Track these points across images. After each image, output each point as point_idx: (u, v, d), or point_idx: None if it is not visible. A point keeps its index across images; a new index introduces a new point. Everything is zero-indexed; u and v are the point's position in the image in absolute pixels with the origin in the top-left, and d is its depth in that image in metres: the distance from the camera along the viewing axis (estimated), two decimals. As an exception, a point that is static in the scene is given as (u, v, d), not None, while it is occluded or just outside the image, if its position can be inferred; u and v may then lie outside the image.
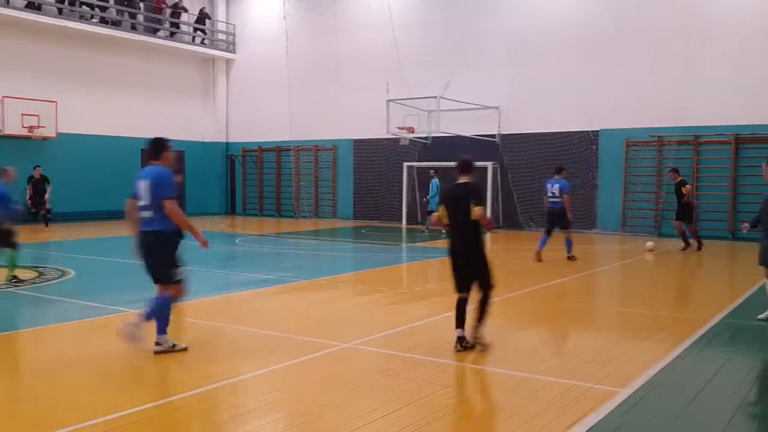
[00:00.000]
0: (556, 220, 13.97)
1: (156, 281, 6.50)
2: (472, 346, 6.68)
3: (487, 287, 6.78)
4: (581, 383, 5.64)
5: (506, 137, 22.43)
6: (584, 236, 19.14)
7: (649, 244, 16.02)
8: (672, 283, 12.33)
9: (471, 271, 6.80)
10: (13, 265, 10.56)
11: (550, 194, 13.93)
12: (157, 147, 6.55)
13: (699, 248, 16.10)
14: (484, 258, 6.82)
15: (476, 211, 6.58)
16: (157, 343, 6.41)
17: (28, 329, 7.94)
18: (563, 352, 7.05)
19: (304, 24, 26.20)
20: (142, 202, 6.38)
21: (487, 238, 6.72)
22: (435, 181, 20.68)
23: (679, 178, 16.18)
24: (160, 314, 6.38)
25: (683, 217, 16.09)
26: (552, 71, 21.45)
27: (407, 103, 21.52)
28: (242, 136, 29.19)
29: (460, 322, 6.75)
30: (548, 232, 14.03)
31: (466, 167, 6.99)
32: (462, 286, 6.88)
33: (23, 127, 22.25)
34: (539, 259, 13.48)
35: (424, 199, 21.47)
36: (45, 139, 23.06)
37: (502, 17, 22.33)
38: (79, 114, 24.17)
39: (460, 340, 6.68)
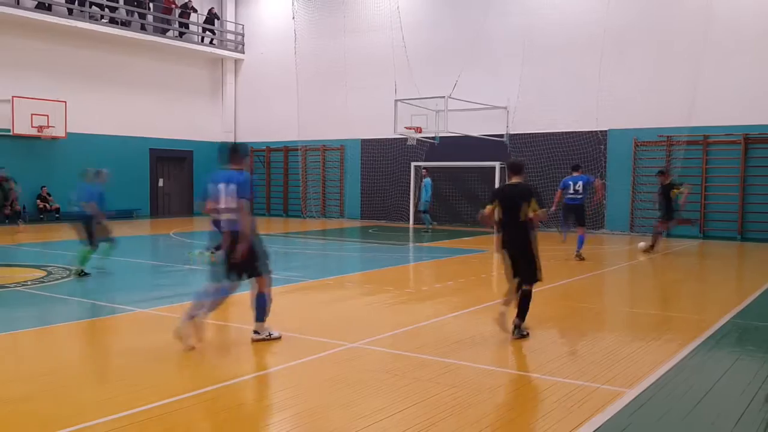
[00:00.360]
0: (575, 215, 14.17)
1: (250, 276, 6.85)
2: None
3: (532, 280, 7.25)
4: (588, 384, 5.62)
5: (514, 137, 22.39)
6: (592, 236, 19.06)
7: (642, 244, 15.89)
8: (680, 283, 12.27)
9: (520, 265, 7.29)
10: (84, 259, 11.09)
11: (572, 191, 14.01)
12: (235, 152, 6.91)
13: (652, 247, 15.47)
14: (534, 253, 7.30)
15: (540, 214, 7.20)
16: (256, 332, 6.82)
17: (36, 328, 7.97)
18: (570, 353, 7.03)
19: (312, 24, 26.22)
20: (226, 204, 6.71)
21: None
22: (427, 180, 20.84)
23: (669, 180, 15.66)
24: (267, 309, 6.88)
25: (667, 216, 15.47)
26: (560, 71, 21.40)
27: (415, 103, 21.52)
28: (250, 136, 29.23)
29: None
30: (575, 225, 14.34)
31: (518, 168, 7.63)
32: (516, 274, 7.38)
33: (33, 126, 22.37)
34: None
35: (424, 201, 21.55)
36: (54, 138, 23.18)
37: (510, 17, 22.29)
38: (88, 114, 24.29)
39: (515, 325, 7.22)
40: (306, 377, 5.96)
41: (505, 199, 7.43)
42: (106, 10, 25.00)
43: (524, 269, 7.26)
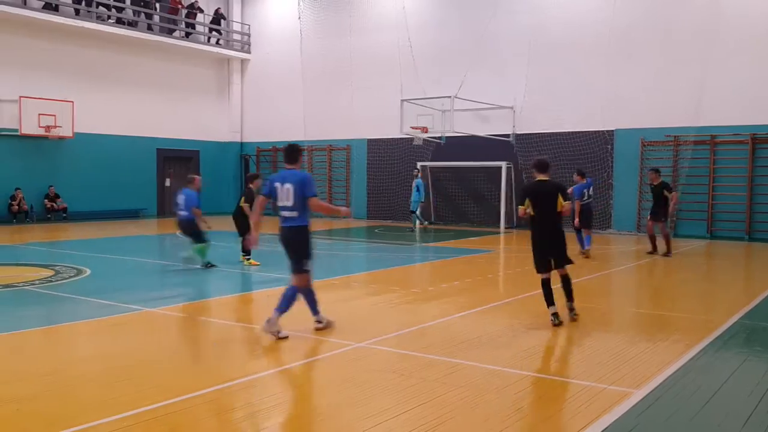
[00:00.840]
0: (589, 218, 14.68)
1: (291, 268, 7.22)
2: (560, 323, 7.72)
3: (567, 263, 8.03)
4: (596, 384, 5.60)
5: (521, 137, 22.34)
6: (599, 236, 19.02)
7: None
8: (687, 283, 12.22)
9: (554, 253, 7.97)
10: (201, 251, 12.02)
11: (587, 197, 14.43)
12: (294, 152, 7.30)
13: (654, 249, 15.15)
14: (565, 242, 8.09)
15: (566, 206, 7.89)
16: (318, 321, 7.35)
17: (42, 327, 7.99)
18: (577, 353, 7.01)
19: (318, 24, 26.23)
20: (285, 203, 7.10)
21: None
22: (419, 181, 20.85)
23: (660, 180, 15.07)
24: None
25: (659, 216, 14.90)
26: (567, 71, 21.35)
27: (421, 103, 21.50)
28: (257, 135, 29.28)
29: (550, 300, 7.87)
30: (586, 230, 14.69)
31: (544, 166, 8.23)
32: (543, 267, 7.99)
33: (40, 126, 22.45)
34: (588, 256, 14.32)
35: (422, 201, 21.59)
36: (61, 138, 23.28)
37: (516, 16, 22.25)
38: (95, 114, 24.37)
39: (555, 315, 7.78)
40: (313, 377, 5.96)
41: (536, 196, 8.00)
42: (113, 10, 25.08)
43: (559, 256, 7.96)
